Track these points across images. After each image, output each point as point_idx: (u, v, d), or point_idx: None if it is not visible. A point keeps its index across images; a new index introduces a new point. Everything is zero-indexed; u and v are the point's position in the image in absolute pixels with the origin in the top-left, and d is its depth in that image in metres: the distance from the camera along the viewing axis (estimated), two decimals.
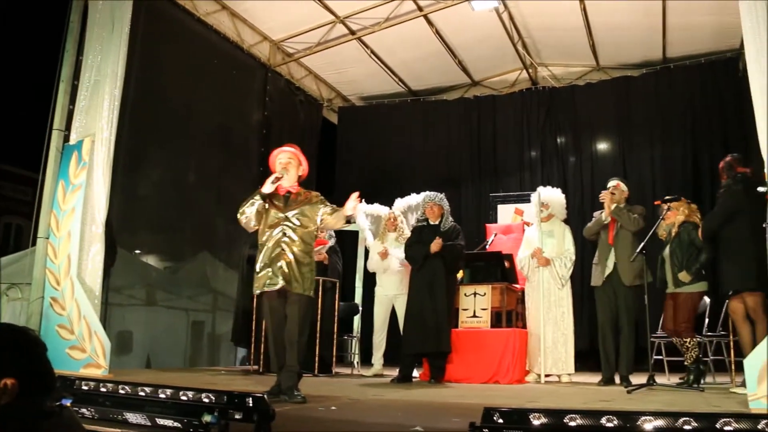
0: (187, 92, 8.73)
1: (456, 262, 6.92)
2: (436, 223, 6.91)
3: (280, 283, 4.59)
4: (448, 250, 6.70)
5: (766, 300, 5.44)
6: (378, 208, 8.58)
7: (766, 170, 4.40)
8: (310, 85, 11.42)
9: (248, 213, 4.75)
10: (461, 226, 7.19)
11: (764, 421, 2.18)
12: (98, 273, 6.15)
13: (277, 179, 4.70)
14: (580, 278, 8.25)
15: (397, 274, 7.68)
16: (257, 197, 4.73)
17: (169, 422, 3.17)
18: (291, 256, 4.61)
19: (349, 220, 4.71)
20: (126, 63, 6.44)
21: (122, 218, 7.52)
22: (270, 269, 4.63)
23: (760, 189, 4.80)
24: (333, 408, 4.14)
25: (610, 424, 2.44)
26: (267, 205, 4.76)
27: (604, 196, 6.61)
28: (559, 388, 6.30)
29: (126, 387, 3.45)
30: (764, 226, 4.47)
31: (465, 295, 7.11)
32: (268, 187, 4.68)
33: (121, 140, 6.68)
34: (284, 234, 4.67)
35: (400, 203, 8.46)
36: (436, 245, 6.63)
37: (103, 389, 3.51)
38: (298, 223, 4.70)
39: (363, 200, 8.67)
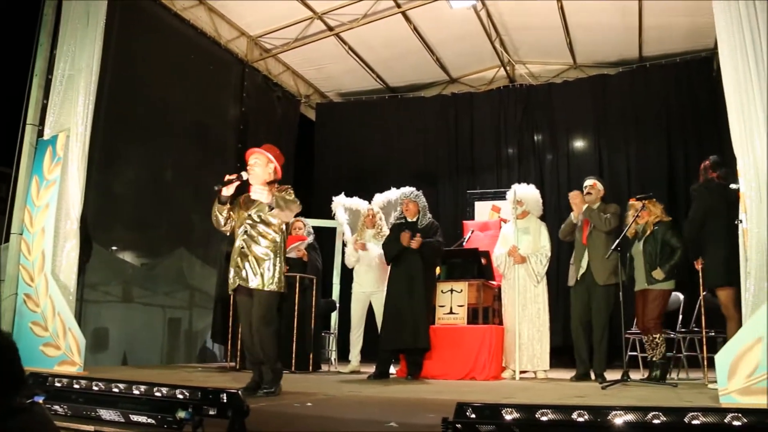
0: (163, 87, 8.65)
1: (435, 258, 6.95)
2: (414, 220, 6.93)
3: (238, 282, 4.71)
4: (427, 247, 6.73)
5: (738, 295, 5.54)
6: (357, 202, 8.57)
7: (738, 168, 4.47)
8: (287, 81, 11.39)
9: (213, 216, 4.86)
10: (439, 222, 7.21)
11: (730, 415, 2.22)
12: (73, 269, 6.10)
13: (230, 182, 4.74)
14: (555, 276, 8.31)
15: (374, 271, 7.69)
16: (216, 202, 4.80)
17: (142, 418, 3.16)
18: (249, 255, 4.69)
19: (270, 206, 4.68)
20: (101, 57, 6.38)
21: (98, 214, 7.46)
22: (234, 269, 4.75)
23: (733, 186, 4.89)
24: (308, 404, 4.13)
25: (581, 419, 2.46)
26: (228, 207, 4.82)
27: (574, 197, 6.66)
28: (534, 384, 6.34)
29: (100, 383, 3.43)
30: (736, 223, 4.55)
31: (442, 291, 7.14)
32: (225, 191, 4.74)
33: (97, 135, 6.62)
34: (245, 232, 4.75)
35: (379, 198, 8.44)
36: (415, 242, 6.65)
37: (76, 386, 3.48)
38: (258, 220, 4.75)
39: (343, 193, 8.71)
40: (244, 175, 4.79)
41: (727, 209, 5.47)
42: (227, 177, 4.77)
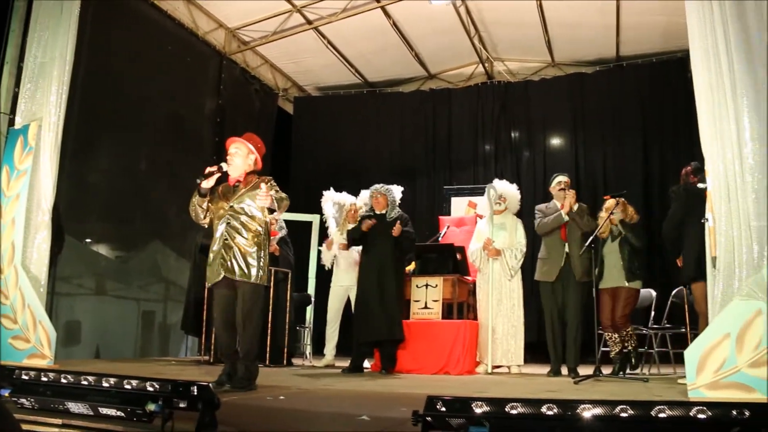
0: (139, 78, 8.54)
1: (410, 247, 6.97)
2: (382, 212, 6.95)
3: (222, 275, 4.59)
4: (404, 237, 6.76)
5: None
6: (345, 197, 8.54)
7: (706, 167, 4.52)
8: (265, 74, 11.33)
9: (192, 209, 4.75)
10: (415, 217, 7.24)
11: (696, 408, 2.25)
12: (44, 261, 6.02)
13: (210, 174, 4.65)
14: (531, 272, 8.35)
15: (352, 267, 7.67)
16: (195, 194, 4.70)
17: (112, 411, 3.11)
18: (234, 246, 4.60)
19: (271, 210, 4.64)
20: (75, 46, 6.28)
21: (70, 206, 7.35)
22: (215, 261, 4.64)
23: (700, 185, 4.96)
24: (281, 397, 4.13)
25: (550, 412, 2.48)
26: (208, 199, 4.71)
27: (572, 195, 6.68)
28: (507, 379, 6.38)
29: (68, 376, 3.38)
30: (702, 221, 4.61)
31: (417, 286, 7.15)
32: (205, 183, 4.64)
33: (70, 125, 6.53)
34: (227, 224, 4.64)
35: (365, 194, 8.42)
36: (396, 230, 6.66)
37: (44, 378, 3.43)
38: (240, 211, 4.66)
39: (331, 188, 8.67)
40: (224, 166, 4.71)
41: (702, 209, 5.58)
42: (208, 169, 4.67)
